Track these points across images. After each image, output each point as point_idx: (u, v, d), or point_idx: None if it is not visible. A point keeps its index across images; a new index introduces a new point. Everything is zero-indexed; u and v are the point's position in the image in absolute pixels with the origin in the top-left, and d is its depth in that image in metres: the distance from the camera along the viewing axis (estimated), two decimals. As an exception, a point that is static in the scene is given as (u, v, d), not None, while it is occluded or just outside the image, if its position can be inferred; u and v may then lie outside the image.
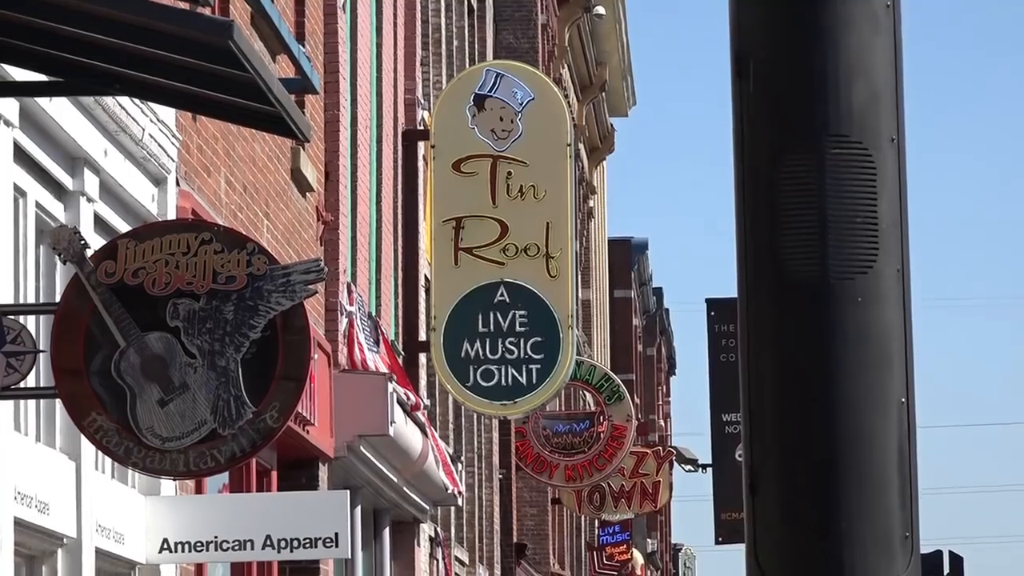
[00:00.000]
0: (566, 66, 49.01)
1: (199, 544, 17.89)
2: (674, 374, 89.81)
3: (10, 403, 13.67)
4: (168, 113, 16.77)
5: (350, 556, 21.77)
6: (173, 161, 17.33)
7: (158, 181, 17.07)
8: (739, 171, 5.24)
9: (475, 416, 36.23)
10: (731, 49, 5.28)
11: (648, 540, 69.77)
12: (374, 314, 27.46)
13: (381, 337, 27.43)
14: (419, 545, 30.02)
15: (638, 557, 61.17)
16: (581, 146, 45.38)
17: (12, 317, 12.95)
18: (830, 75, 5.16)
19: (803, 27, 5.17)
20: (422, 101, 32.07)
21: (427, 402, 30.57)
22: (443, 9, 35.60)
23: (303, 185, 22.99)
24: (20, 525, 14.27)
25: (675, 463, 59.18)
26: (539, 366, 30.52)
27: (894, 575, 5.07)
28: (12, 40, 11.91)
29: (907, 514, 5.12)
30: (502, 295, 30.41)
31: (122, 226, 15.60)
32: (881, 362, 5.12)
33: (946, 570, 42.83)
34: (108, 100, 15.38)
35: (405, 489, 27.34)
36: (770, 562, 5.11)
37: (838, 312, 5.11)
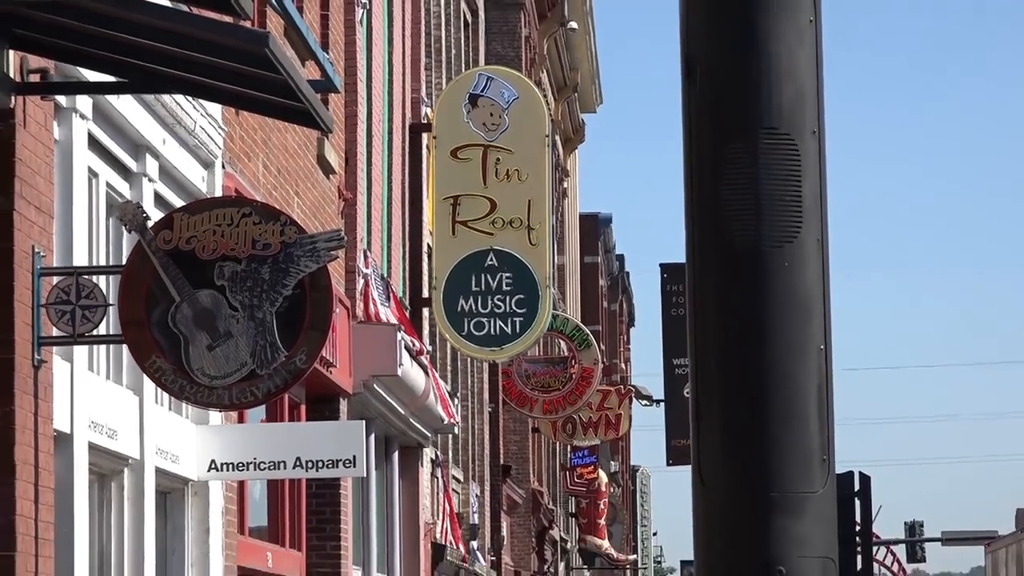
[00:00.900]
0: (545, 71, 48.93)
1: (240, 464, 17.91)
2: (633, 326, 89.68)
3: (85, 348, 13.64)
4: (215, 108, 16.75)
5: (365, 475, 21.75)
6: (219, 148, 17.31)
7: (207, 165, 17.06)
8: (687, 158, 5.24)
9: (469, 360, 36.18)
10: (681, 56, 5.28)
11: (611, 462, 69.68)
12: (385, 275, 27.43)
13: (391, 294, 27.41)
14: (422, 466, 30.00)
15: (603, 476, 61.14)
16: (557, 137, 45.26)
17: (87, 277, 12.93)
18: (762, 78, 5.15)
19: (740, 38, 5.16)
20: (425, 100, 32.02)
21: (429, 348, 30.52)
22: (443, 23, 35.52)
23: (327, 168, 22.96)
24: (93, 449, 14.26)
25: (634, 399, 59.12)
26: (521, 319, 30.51)
27: (814, 490, 5.07)
28: (86, 47, 11.88)
29: (824, 440, 5.13)
30: (491, 260, 30.38)
31: (177, 202, 15.57)
32: (804, 316, 5.12)
33: (856, 487, 42.78)
34: (166, 97, 15.35)
35: (411, 420, 27.32)
36: (712, 479, 5.11)
37: (769, 275, 5.10)
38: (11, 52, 12.09)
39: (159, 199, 15.59)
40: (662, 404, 66.69)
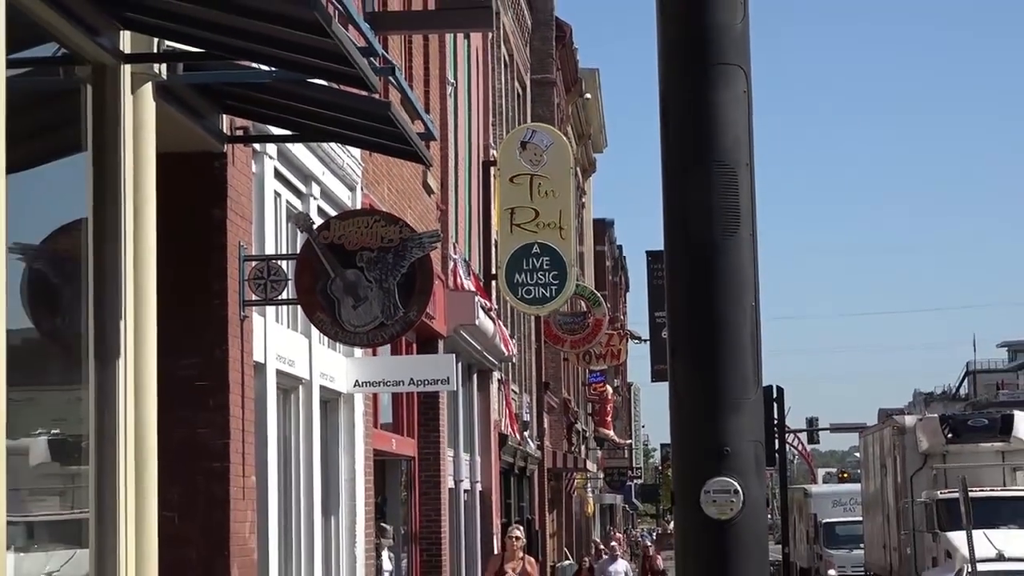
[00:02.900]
0: (569, 125, 48.87)
1: (374, 382, 17.96)
2: (628, 291, 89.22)
3: (273, 308, 13.69)
4: (356, 151, 16.78)
5: (455, 389, 21.80)
6: (359, 177, 17.33)
7: (351, 188, 17.08)
8: (664, 179, 5.23)
9: (522, 314, 36.19)
10: (660, 113, 5.27)
11: (615, 380, 69.62)
12: (467, 259, 27.47)
13: (471, 272, 27.47)
14: (492, 383, 30.06)
15: (609, 389, 61.15)
16: (578, 169, 45.14)
17: (274, 261, 12.98)
18: (713, 129, 5.14)
19: (698, 103, 5.15)
20: (492, 145, 32.01)
21: (496, 306, 30.52)
22: (504, 95, 35.53)
23: (428, 190, 22.98)
24: (280, 373, 14.32)
25: (629, 339, 59.05)
26: (556, 287, 30.45)
27: (748, 397, 5.05)
28: (273, 112, 11.92)
29: (755, 365, 5.12)
30: (536, 249, 30.31)
31: (332, 212, 15.60)
32: (740, 284, 5.11)
33: (775, 395, 42.69)
34: (324, 144, 15.39)
35: (484, 353, 27.36)
36: (682, 391, 5.11)
37: (718, 257, 5.09)
38: (224, 116, 12.13)
39: (320, 211, 15.63)
40: (647, 342, 66.78)
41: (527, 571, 18.11)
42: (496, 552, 23.83)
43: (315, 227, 13.48)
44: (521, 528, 21.17)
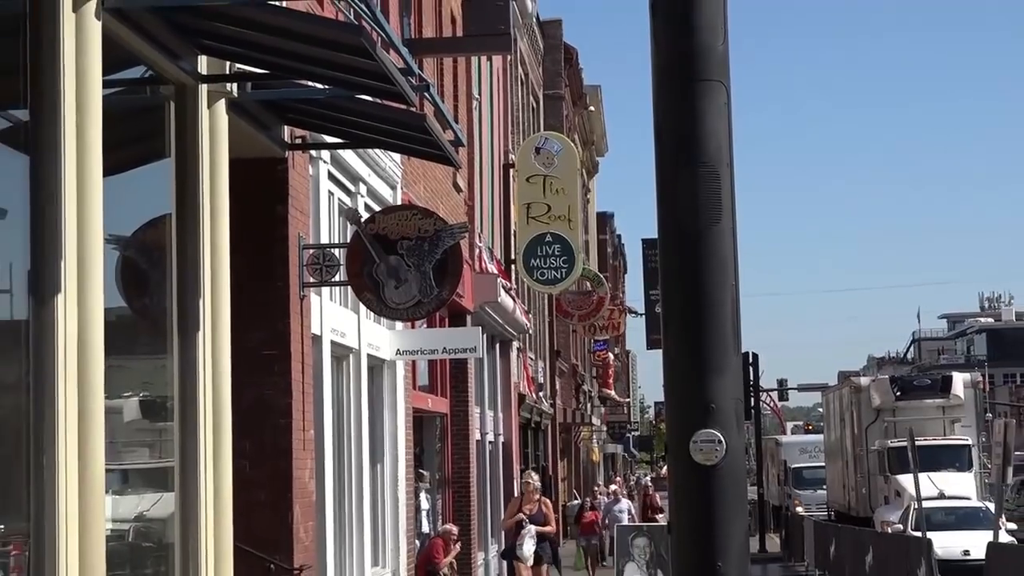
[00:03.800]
0: (576, 133, 48.76)
1: (413, 351, 17.96)
2: (626, 272, 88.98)
3: (327, 288, 13.70)
4: (396, 156, 16.77)
5: (481, 356, 21.81)
6: (399, 178, 17.32)
7: (392, 186, 17.07)
8: (658, 179, 5.21)
9: (537, 292, 36.20)
10: (654, 122, 5.25)
11: (615, 348, 69.54)
12: (490, 246, 27.45)
13: (494, 257, 27.44)
14: (512, 351, 30.06)
15: (610, 356, 61.05)
16: (584, 170, 45.05)
17: (328, 249, 12.98)
18: (699, 136, 5.12)
19: (686, 113, 5.13)
20: (511, 150, 32.00)
21: (515, 286, 30.53)
22: (520, 109, 35.46)
23: (457, 189, 22.97)
24: (333, 343, 14.32)
25: (627, 312, 59.02)
26: (565, 269, 30.48)
27: (729, 361, 5.04)
28: (327, 123, 11.91)
29: (735, 334, 5.10)
30: (548, 238, 30.33)
31: (376, 207, 15.61)
32: (722, 267, 5.09)
33: (751, 360, 42.69)
34: (370, 150, 15.38)
35: (505, 326, 27.35)
36: (674, 355, 5.10)
37: (702, 244, 5.07)
38: (285, 127, 12.13)
39: (367, 206, 15.63)
40: (643, 316, 66.76)
41: (542, 511, 18.08)
42: (515, 495, 23.83)
43: (362, 220, 13.47)
44: (536, 474, 21.15)
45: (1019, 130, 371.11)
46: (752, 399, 42.81)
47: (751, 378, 42.78)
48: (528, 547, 17.59)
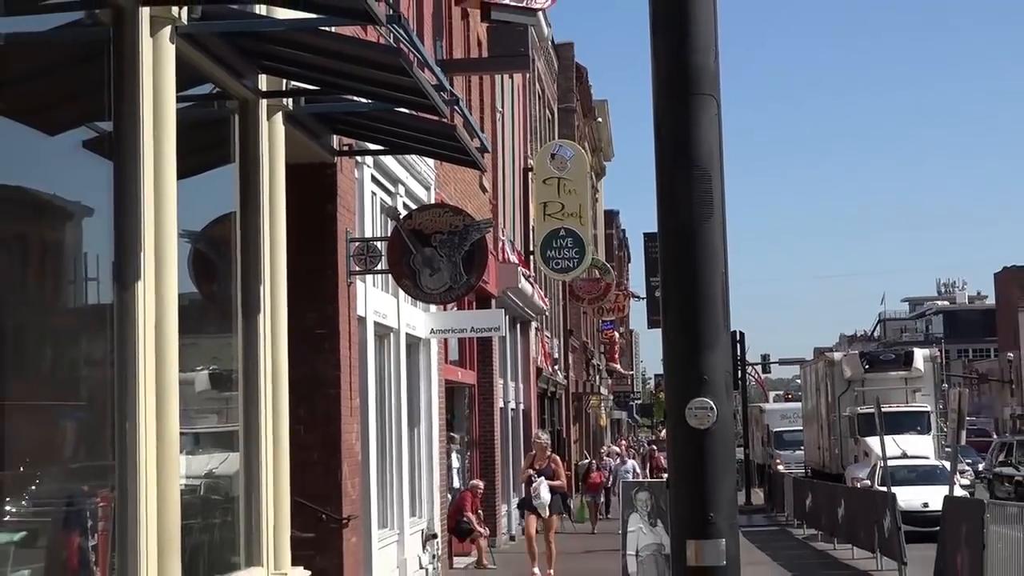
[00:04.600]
0: (586, 141, 48.67)
1: (445, 330, 17.97)
2: (630, 261, 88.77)
3: (371, 276, 13.72)
4: (430, 161, 16.77)
5: (504, 335, 21.82)
6: (432, 180, 17.32)
7: (427, 187, 17.08)
8: (657, 180, 5.19)
9: (552, 279, 36.19)
10: (655, 130, 5.23)
11: (620, 328, 69.46)
12: (512, 239, 27.43)
13: (515, 249, 27.43)
14: (531, 331, 30.08)
15: (616, 335, 60.99)
16: (593, 173, 44.97)
17: (373, 243, 12.99)
18: (693, 143, 5.09)
19: (681, 121, 5.11)
20: (530, 156, 31.97)
21: (532, 273, 30.54)
22: (537, 120, 35.42)
23: (483, 189, 22.96)
24: (376, 324, 14.36)
25: (631, 297, 58.93)
26: (576, 259, 30.40)
27: (719, 338, 5.01)
28: (370, 132, 11.91)
29: (725, 316, 5.08)
30: (562, 233, 30.24)
31: (413, 205, 15.63)
32: (713, 257, 5.06)
33: (738, 338, 42.59)
34: (407, 156, 15.38)
35: (525, 308, 27.37)
36: (671, 334, 5.08)
37: (696, 238, 5.04)
38: (334, 136, 12.13)
39: (404, 205, 15.64)
40: (644, 299, 66.62)
41: (551, 467, 17.95)
42: (529, 452, 23.89)
43: (401, 217, 13.49)
44: (546, 432, 20.97)
45: (971, 132, 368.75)
46: (739, 372, 42.76)
47: (738, 353, 42.74)
48: (545, 494, 17.47)
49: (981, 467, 39.83)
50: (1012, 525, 13.15)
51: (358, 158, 13.30)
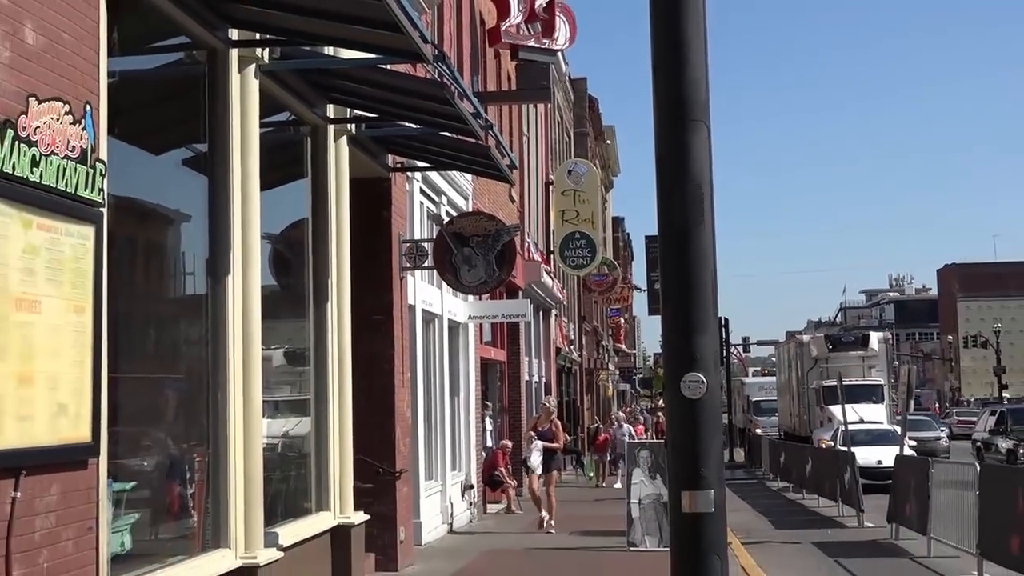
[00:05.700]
0: (597, 159, 48.51)
1: (480, 316, 17.93)
2: (633, 260, 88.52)
3: (419, 271, 13.72)
4: (468, 176, 16.74)
5: (529, 320, 21.77)
6: (470, 191, 17.30)
7: (465, 197, 17.05)
8: (658, 192, 5.16)
9: (569, 275, 36.07)
10: (655, 149, 5.21)
11: (625, 315, 69.24)
12: (536, 241, 27.37)
13: (538, 249, 27.36)
14: (551, 317, 30.01)
15: (621, 320, 60.81)
16: (603, 186, 44.83)
17: (421, 244, 12.98)
18: (688, 161, 5.06)
19: (677, 144, 5.07)
20: (551, 171, 31.88)
21: (553, 270, 30.46)
22: (557, 142, 35.32)
23: (512, 199, 22.91)
24: (423, 311, 14.35)
25: (634, 289, 58.72)
26: (589, 258, 30.30)
27: (709, 323, 4.98)
28: (420, 152, 11.90)
29: (714, 306, 5.05)
30: (577, 236, 30.15)
31: (454, 213, 15.60)
32: (704, 256, 5.02)
33: (723, 323, 42.39)
34: (449, 172, 15.35)
35: (546, 298, 27.31)
36: (669, 320, 5.05)
37: (690, 240, 5.00)
38: (389, 155, 12.13)
39: (447, 213, 15.63)
40: (646, 291, 66.42)
41: (551, 429, 17.53)
42: (534, 415, 23.82)
43: (444, 222, 13.46)
44: (552, 399, 20.57)
45: (918, 148, 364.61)
46: (724, 351, 42.60)
47: (724, 336, 42.57)
48: (535, 458, 17.18)
49: (974, 436, 35.83)
50: (953, 480, 13.14)
51: (409, 173, 13.30)
